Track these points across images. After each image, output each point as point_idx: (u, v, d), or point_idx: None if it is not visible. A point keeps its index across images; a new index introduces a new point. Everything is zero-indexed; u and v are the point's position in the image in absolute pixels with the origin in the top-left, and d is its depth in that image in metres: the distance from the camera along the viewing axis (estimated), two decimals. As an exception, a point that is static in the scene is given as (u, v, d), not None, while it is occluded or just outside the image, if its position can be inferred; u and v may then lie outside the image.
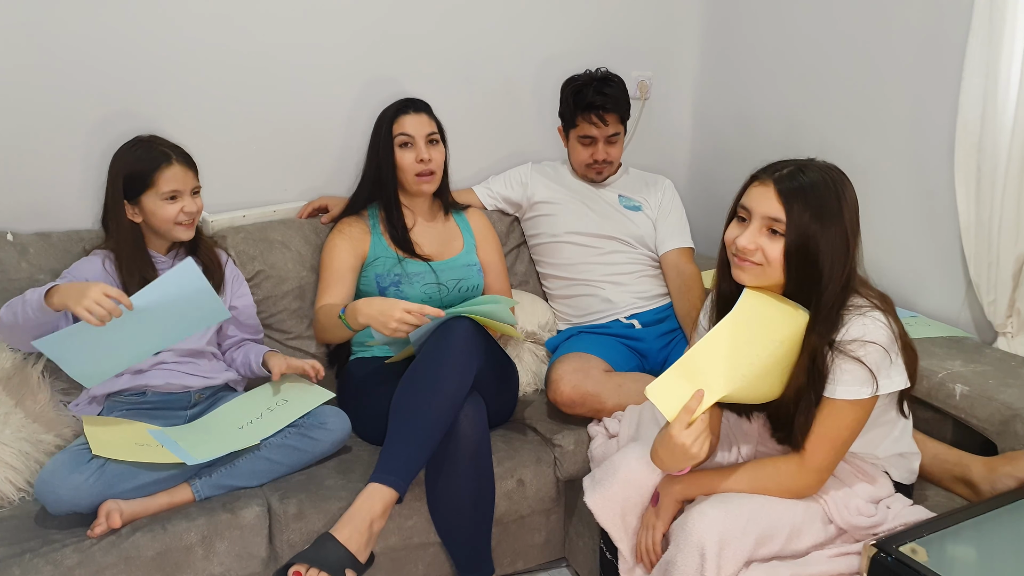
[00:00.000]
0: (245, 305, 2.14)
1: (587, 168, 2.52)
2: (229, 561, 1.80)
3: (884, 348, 1.51)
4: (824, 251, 1.51)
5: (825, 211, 1.51)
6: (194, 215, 1.99)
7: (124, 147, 1.99)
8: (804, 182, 1.52)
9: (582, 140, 2.49)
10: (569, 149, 2.57)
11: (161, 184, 1.93)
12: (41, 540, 1.69)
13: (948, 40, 2.15)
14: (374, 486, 1.80)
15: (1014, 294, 2.09)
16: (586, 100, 2.43)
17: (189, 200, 1.97)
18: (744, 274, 1.57)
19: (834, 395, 1.53)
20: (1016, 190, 2.02)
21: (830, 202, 1.51)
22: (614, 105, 2.44)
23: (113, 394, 1.96)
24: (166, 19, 2.23)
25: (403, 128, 2.23)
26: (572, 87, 2.50)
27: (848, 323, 1.53)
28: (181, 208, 1.95)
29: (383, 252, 2.27)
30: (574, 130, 2.49)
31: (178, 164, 1.95)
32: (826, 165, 1.58)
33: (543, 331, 2.46)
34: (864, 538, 1.59)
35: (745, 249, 1.54)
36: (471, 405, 1.93)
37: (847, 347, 1.52)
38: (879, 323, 1.52)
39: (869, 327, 1.52)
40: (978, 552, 1.59)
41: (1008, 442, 1.81)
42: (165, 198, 1.94)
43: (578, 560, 2.18)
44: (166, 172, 1.94)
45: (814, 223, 1.50)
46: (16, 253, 2.08)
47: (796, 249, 1.51)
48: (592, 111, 2.43)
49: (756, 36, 2.77)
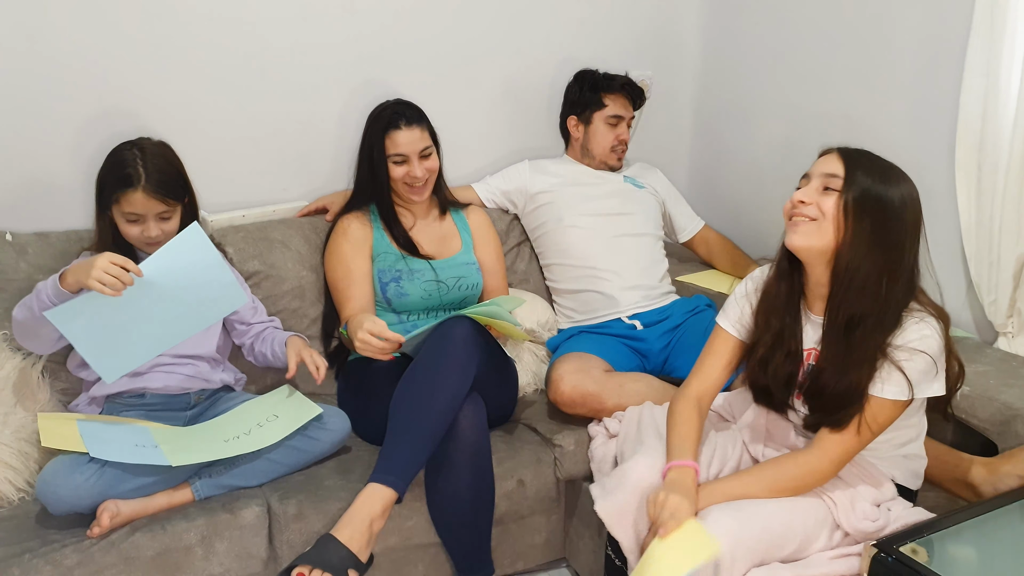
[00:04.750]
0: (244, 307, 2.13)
1: (611, 152, 2.62)
2: (229, 561, 1.80)
3: (933, 358, 1.54)
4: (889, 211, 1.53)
5: (890, 176, 1.55)
6: (158, 238, 1.91)
7: (113, 151, 1.95)
8: (869, 154, 1.58)
9: (610, 120, 2.59)
10: (588, 137, 2.63)
11: (123, 204, 1.88)
12: (41, 540, 1.68)
13: (949, 39, 2.15)
14: (374, 486, 1.80)
15: (1015, 294, 2.09)
16: (620, 82, 2.62)
17: (153, 224, 1.90)
18: (795, 234, 1.59)
19: (881, 394, 1.55)
20: (1017, 190, 2.02)
21: (894, 172, 1.56)
22: (638, 95, 2.66)
23: (113, 395, 1.96)
24: (165, 19, 2.22)
25: (397, 147, 2.21)
26: (596, 74, 2.64)
27: (906, 326, 1.55)
28: (141, 231, 1.90)
29: (385, 248, 2.27)
30: (601, 111, 2.60)
31: (143, 191, 1.86)
32: None
33: (543, 330, 2.46)
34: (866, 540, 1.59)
35: (800, 202, 1.58)
36: (471, 405, 1.92)
37: (899, 349, 1.54)
38: (935, 330, 1.55)
39: (926, 333, 1.54)
40: (978, 552, 1.59)
41: (1009, 442, 1.81)
42: (127, 219, 1.90)
43: (578, 560, 2.18)
44: (129, 195, 1.87)
45: (877, 183, 1.54)
46: (15, 253, 2.07)
47: (854, 200, 1.54)
48: (624, 91, 2.61)
49: (756, 35, 2.77)
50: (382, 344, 1.91)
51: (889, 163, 1.59)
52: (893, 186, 1.55)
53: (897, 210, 1.54)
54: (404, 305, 2.24)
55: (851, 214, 1.54)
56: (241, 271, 2.22)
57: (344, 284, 2.23)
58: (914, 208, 1.57)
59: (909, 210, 1.55)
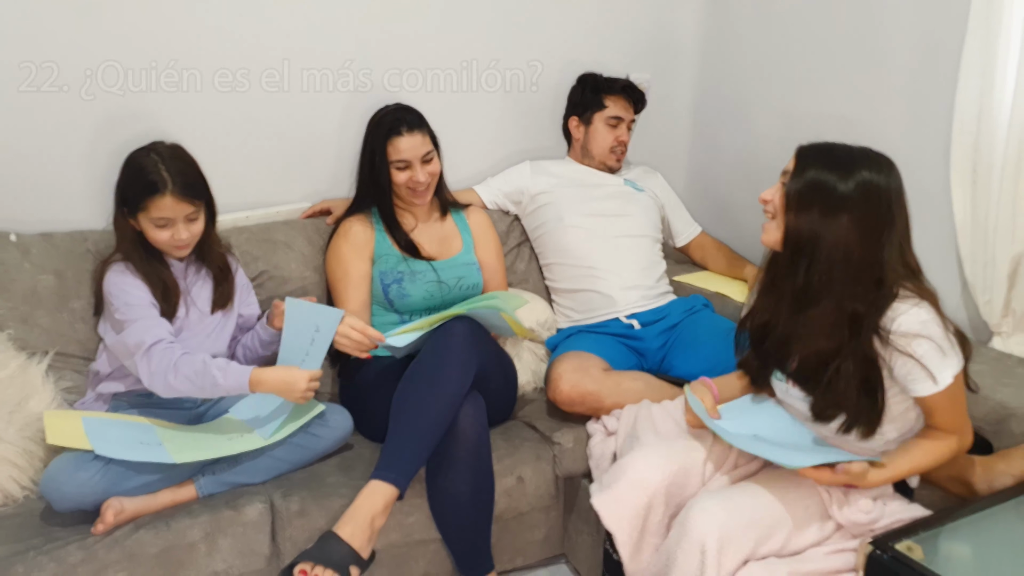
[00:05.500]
0: (251, 314, 2.15)
1: (610, 153, 2.65)
2: (232, 558, 1.81)
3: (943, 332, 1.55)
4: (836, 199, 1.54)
5: (843, 164, 1.55)
6: (188, 240, 1.93)
7: (132, 155, 1.93)
8: (832, 147, 1.59)
9: (610, 121, 2.62)
10: (588, 137, 2.66)
11: (152, 210, 1.88)
12: (45, 537, 1.70)
13: (945, 40, 2.16)
14: (375, 483, 1.82)
15: (1009, 294, 2.10)
16: (620, 84, 2.65)
17: (182, 227, 1.90)
18: (764, 232, 1.65)
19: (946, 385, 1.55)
20: (1012, 190, 2.03)
21: (852, 161, 1.55)
22: (639, 99, 2.68)
23: (119, 393, 1.97)
24: (169, 22, 2.23)
25: (399, 154, 2.22)
26: (598, 77, 2.68)
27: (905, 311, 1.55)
28: (171, 235, 1.91)
29: (387, 251, 2.28)
30: (601, 112, 2.63)
31: (171, 195, 1.86)
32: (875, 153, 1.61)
33: (543, 329, 2.47)
34: (862, 534, 1.60)
35: (762, 199, 1.63)
36: (471, 403, 1.94)
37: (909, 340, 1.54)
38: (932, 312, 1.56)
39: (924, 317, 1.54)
40: (974, 549, 1.60)
41: (1004, 441, 1.82)
42: (156, 225, 1.90)
43: (577, 557, 2.19)
44: (158, 201, 1.86)
45: (824, 172, 1.55)
46: (19, 254, 2.08)
47: (796, 192, 1.56)
48: (625, 94, 2.64)
49: (753, 39, 2.78)
50: (360, 338, 1.92)
51: (854, 154, 1.58)
52: (845, 174, 1.54)
53: (851, 196, 1.54)
54: (406, 306, 2.26)
55: (792, 205, 1.57)
56: (245, 272, 2.22)
57: (342, 286, 2.25)
58: (876, 193, 1.56)
59: (872, 196, 1.55)
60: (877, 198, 1.55)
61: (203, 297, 2.04)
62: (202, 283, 2.05)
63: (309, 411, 1.95)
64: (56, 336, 2.04)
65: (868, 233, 1.55)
